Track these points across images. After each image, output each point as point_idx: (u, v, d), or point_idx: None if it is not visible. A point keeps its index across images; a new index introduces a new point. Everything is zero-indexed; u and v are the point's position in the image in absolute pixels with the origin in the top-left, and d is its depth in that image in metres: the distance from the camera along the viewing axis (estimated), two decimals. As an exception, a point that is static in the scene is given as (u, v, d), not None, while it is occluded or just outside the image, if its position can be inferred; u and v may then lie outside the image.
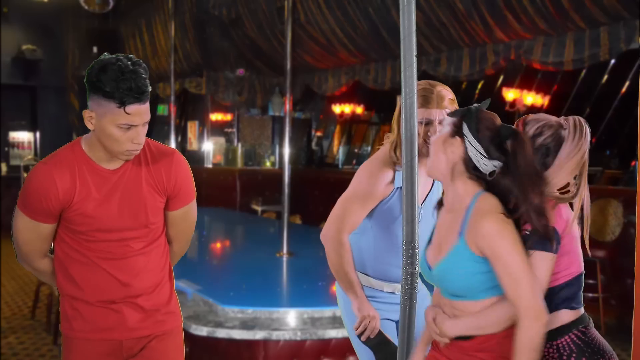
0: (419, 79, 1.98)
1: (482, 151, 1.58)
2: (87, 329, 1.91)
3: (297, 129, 10.66)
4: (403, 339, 2.02)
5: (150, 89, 1.77)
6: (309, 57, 8.19)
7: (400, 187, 1.96)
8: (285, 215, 4.62)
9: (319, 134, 11.83)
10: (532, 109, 9.15)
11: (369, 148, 11.05)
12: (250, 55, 9.02)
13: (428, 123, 2.04)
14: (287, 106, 4.97)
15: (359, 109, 10.99)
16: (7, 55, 10.47)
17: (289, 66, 4.85)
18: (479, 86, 8.83)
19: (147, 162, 1.89)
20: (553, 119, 1.72)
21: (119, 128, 1.73)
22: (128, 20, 10.58)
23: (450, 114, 1.68)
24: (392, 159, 2.09)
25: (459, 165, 1.62)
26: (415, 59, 1.91)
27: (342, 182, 1.69)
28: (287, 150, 4.79)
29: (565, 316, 1.70)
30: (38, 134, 11.35)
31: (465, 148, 1.60)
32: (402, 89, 1.94)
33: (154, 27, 9.67)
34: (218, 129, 10.79)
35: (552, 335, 1.65)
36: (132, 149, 1.78)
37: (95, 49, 11.05)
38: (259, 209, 8.53)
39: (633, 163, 7.43)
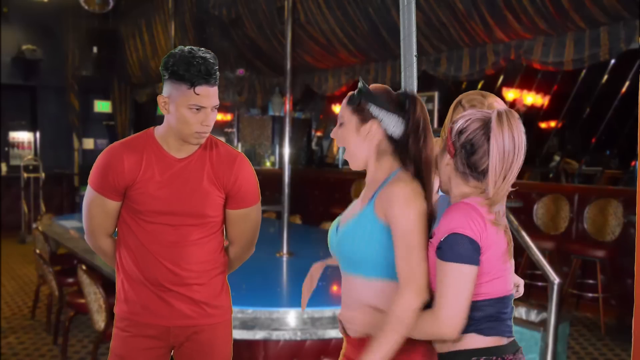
0: (418, 79, 1.98)
1: (397, 120, 1.66)
2: (138, 311, 2.02)
3: (297, 129, 10.65)
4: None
5: (218, 75, 1.92)
6: (309, 57, 8.19)
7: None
8: (285, 215, 4.61)
9: (319, 134, 11.83)
10: (532, 109, 9.16)
11: (369, 148, 11.04)
12: (250, 55, 9.02)
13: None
14: (287, 106, 4.96)
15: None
16: (7, 55, 10.46)
17: (289, 66, 4.84)
18: (479, 86, 8.82)
19: (212, 157, 2.01)
20: (482, 112, 1.56)
21: (190, 109, 1.87)
22: (128, 20, 10.58)
23: (348, 102, 1.72)
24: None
25: (383, 143, 1.69)
26: (415, 59, 1.91)
27: (342, 182, 1.71)
28: (287, 150, 4.79)
29: (474, 341, 1.51)
30: (38, 134, 11.34)
31: (384, 127, 1.67)
32: (402, 89, 1.94)
33: (154, 27, 9.67)
34: (218, 129, 10.78)
35: (450, 357, 1.52)
36: (201, 130, 1.90)
37: (95, 49, 11.04)
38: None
39: (633, 163, 7.44)
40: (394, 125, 1.66)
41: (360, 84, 1.71)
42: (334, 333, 3.12)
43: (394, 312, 1.49)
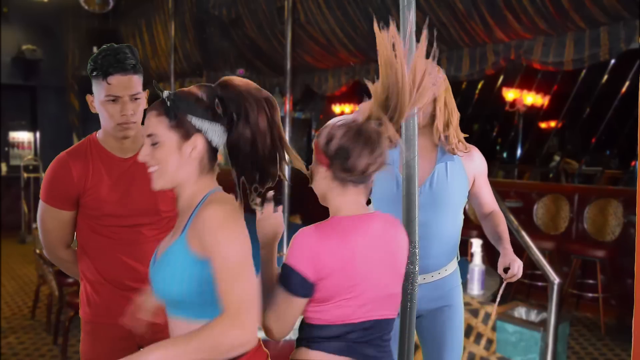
0: (418, 79, 1.98)
1: (221, 129, 1.44)
2: (102, 313, 2.01)
3: (297, 129, 10.65)
4: (403, 338, 2.01)
5: (132, 63, 1.87)
6: (309, 57, 8.19)
7: None
8: (286, 215, 4.62)
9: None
10: (532, 109, 9.16)
11: (369, 148, 11.04)
12: (250, 55, 9.01)
13: None
14: (287, 106, 4.97)
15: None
16: (7, 55, 10.46)
17: (289, 66, 4.85)
18: (479, 86, 8.83)
19: None
20: (348, 117, 1.55)
21: (107, 102, 1.87)
22: (128, 20, 10.58)
23: (166, 116, 1.43)
24: None
25: (204, 158, 1.46)
26: (415, 59, 1.91)
27: (342, 182, 1.69)
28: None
29: (301, 354, 1.56)
30: (38, 134, 11.33)
31: (209, 140, 1.44)
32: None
33: (154, 27, 9.67)
34: (218, 129, 10.79)
35: None
36: (122, 121, 1.89)
37: (95, 49, 11.02)
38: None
39: (633, 163, 7.44)
40: (219, 135, 1.45)
41: (165, 93, 1.44)
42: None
43: (207, 338, 1.29)
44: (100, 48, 1.92)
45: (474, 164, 2.25)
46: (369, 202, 2.12)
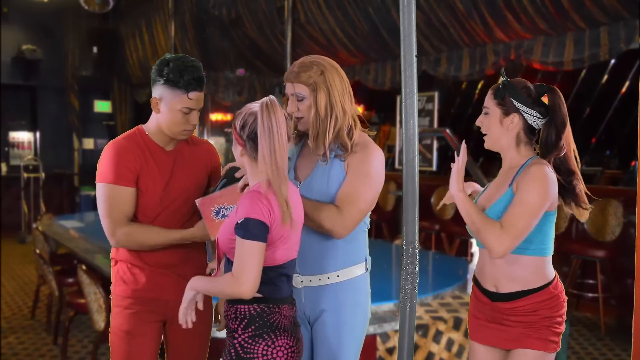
0: (419, 79, 1.98)
1: (537, 114, 1.95)
2: (140, 288, 2.19)
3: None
4: (403, 339, 2.02)
5: (205, 82, 2.18)
6: (309, 57, 8.19)
7: None
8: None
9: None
10: (532, 109, 9.16)
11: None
12: (250, 55, 9.02)
13: (285, 96, 2.07)
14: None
15: (359, 109, 10.96)
16: (7, 55, 10.45)
17: (289, 66, 4.85)
18: (479, 86, 8.83)
19: (190, 146, 2.30)
20: (255, 105, 1.77)
21: (181, 111, 2.12)
22: (128, 20, 10.58)
23: (494, 96, 1.98)
24: None
25: (521, 134, 1.98)
26: (415, 59, 1.91)
27: (342, 182, 1.69)
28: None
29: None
30: (38, 134, 11.33)
31: (525, 119, 1.95)
32: (402, 89, 1.95)
33: (154, 27, 9.67)
34: (218, 129, 10.78)
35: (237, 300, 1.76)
36: (189, 128, 2.17)
37: (95, 49, 11.03)
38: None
39: (633, 163, 7.43)
40: (533, 119, 1.95)
41: (503, 79, 1.96)
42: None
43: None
44: (175, 60, 2.11)
45: (354, 160, 1.99)
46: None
